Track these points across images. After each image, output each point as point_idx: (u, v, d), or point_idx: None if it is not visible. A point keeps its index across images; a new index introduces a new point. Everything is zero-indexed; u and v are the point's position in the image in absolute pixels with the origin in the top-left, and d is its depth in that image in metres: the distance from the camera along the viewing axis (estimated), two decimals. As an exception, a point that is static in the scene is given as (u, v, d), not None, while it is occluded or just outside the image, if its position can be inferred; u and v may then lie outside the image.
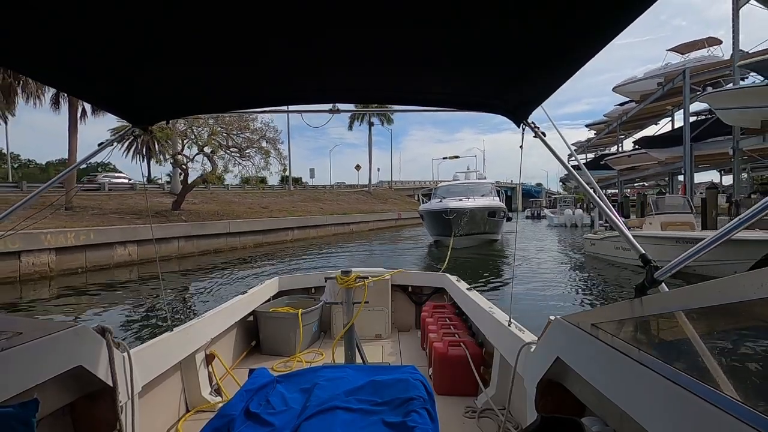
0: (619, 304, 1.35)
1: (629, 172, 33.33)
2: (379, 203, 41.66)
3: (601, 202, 1.65)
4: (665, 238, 10.03)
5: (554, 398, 1.66)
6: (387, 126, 49.89)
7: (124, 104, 1.84)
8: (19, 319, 1.69)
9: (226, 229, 19.40)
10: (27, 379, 1.36)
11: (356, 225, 31.33)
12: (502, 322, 2.52)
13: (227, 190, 31.57)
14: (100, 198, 21.10)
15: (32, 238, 11.88)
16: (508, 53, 1.37)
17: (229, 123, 20.05)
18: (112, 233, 14.42)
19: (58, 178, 2.16)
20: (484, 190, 20.92)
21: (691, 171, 22.12)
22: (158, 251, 15.92)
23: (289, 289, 4.52)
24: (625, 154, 32.52)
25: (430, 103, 2.02)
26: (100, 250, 13.88)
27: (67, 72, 1.43)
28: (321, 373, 1.82)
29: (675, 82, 23.35)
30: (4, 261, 11.31)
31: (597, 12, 1.06)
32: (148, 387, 2.09)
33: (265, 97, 1.98)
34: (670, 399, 0.96)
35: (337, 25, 1.19)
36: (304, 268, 14.73)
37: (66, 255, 12.84)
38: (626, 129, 37.35)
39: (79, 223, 14.76)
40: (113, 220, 16.44)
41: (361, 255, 19.36)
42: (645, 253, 1.32)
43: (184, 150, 20.98)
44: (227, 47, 1.32)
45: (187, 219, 18.95)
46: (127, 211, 18.71)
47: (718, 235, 1.01)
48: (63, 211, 16.30)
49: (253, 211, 24.66)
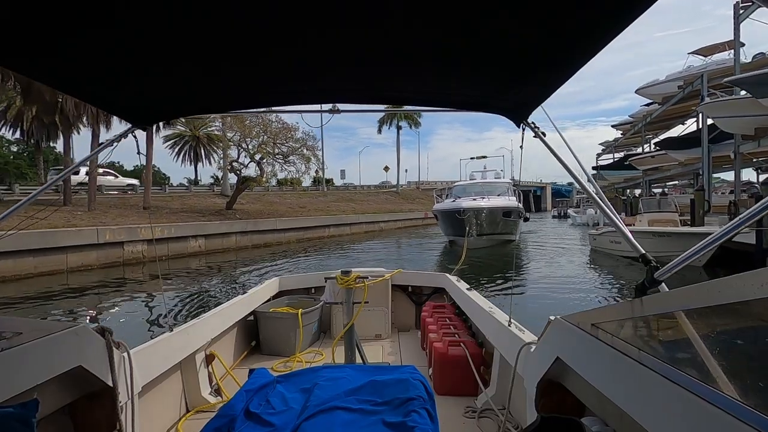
0: (619, 304, 1.29)
1: (653, 172, 33.97)
2: (406, 203, 43.80)
3: (602, 203, 1.65)
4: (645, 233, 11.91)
5: (554, 398, 1.66)
6: (414, 129, 51.94)
7: (124, 104, 1.84)
8: (19, 319, 1.68)
9: (274, 226, 22.37)
10: (27, 379, 1.36)
11: (385, 223, 33.80)
12: (502, 322, 2.52)
13: (267, 191, 34.83)
14: (166, 199, 24.60)
15: (132, 231, 15.09)
16: (508, 53, 1.37)
17: (276, 133, 22.95)
18: (186, 228, 17.62)
19: (57, 179, 2.08)
20: (500, 189, 20.77)
21: (709, 172, 22.98)
22: (221, 244, 18.96)
23: (289, 289, 4.52)
24: (648, 155, 33.19)
25: (430, 103, 2.03)
26: (178, 242, 17.07)
27: (67, 72, 1.44)
28: (321, 373, 1.81)
29: (694, 86, 24.21)
30: (114, 249, 14.54)
31: (597, 12, 1.06)
32: (148, 387, 2.08)
33: (266, 96, 1.97)
34: (670, 399, 0.96)
35: (337, 26, 1.19)
36: (343, 260, 17.37)
37: (155, 245, 16.01)
38: (652, 129, 37.71)
39: (159, 220, 18.01)
40: (183, 217, 19.66)
41: (390, 249, 21.72)
42: (645, 253, 1.31)
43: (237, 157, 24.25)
44: (227, 47, 1.32)
45: (240, 217, 22.05)
46: (190, 210, 22.01)
47: (718, 236, 1.01)
48: (143, 210, 19.68)
49: (293, 211, 27.60)
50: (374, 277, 3.85)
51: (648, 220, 13.08)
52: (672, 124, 35.63)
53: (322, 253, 19.55)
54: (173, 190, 30.14)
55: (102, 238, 14.16)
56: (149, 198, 21.01)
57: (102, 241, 14.16)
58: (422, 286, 4.58)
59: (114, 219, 16.75)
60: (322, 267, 15.62)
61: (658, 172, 33.12)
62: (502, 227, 18.60)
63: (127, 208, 19.73)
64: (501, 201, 18.89)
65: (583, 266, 14.34)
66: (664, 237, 11.08)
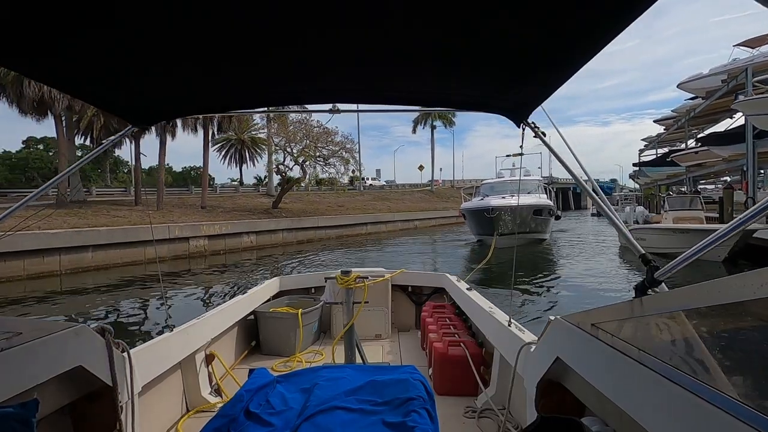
0: (619, 304, 1.31)
1: (696, 168, 32.97)
2: (441, 201, 44.54)
3: (602, 203, 1.65)
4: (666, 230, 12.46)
5: (554, 398, 1.67)
6: (449, 128, 52.61)
7: (124, 104, 1.85)
8: (19, 319, 1.71)
9: (316, 223, 24.31)
10: (27, 379, 1.36)
11: (420, 221, 35.08)
12: (502, 322, 2.52)
13: (308, 191, 36.96)
14: (218, 199, 27.16)
15: (195, 228, 17.28)
16: (508, 53, 1.38)
17: (317, 137, 24.77)
18: (240, 226, 19.74)
19: (57, 180, 2.12)
20: (531, 187, 20.32)
21: (754, 168, 22.31)
22: (269, 240, 20.94)
23: (289, 289, 4.53)
24: (692, 151, 32.23)
25: (430, 103, 2.04)
26: (233, 238, 19.17)
27: (67, 72, 1.44)
28: (321, 373, 1.82)
29: (738, 79, 23.49)
30: (181, 243, 16.75)
31: (597, 12, 1.06)
32: (148, 387, 2.09)
33: (266, 96, 1.99)
34: (670, 399, 0.97)
35: (337, 26, 1.19)
36: (379, 254, 18.77)
37: (214, 240, 18.21)
38: (696, 124, 36.42)
39: (215, 218, 20.21)
40: (236, 215, 21.83)
41: (424, 245, 22.93)
42: (645, 253, 1.33)
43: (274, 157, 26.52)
44: (227, 47, 1.32)
45: (285, 216, 24.04)
46: (240, 209, 24.27)
47: (717, 236, 1.01)
48: (201, 210, 22.09)
49: (332, 209, 29.42)
50: (374, 277, 3.90)
51: (673, 218, 13.53)
52: (718, 119, 34.29)
53: (360, 248, 21.10)
54: (223, 190, 32.96)
55: (172, 234, 16.43)
56: (206, 199, 23.46)
57: (172, 236, 16.41)
58: (422, 286, 4.62)
59: (180, 217, 19.08)
60: (360, 260, 17.13)
61: (701, 169, 32.07)
62: (533, 226, 18.34)
63: (187, 208, 22.20)
64: (531, 199, 18.57)
65: (609, 263, 14.85)
66: (685, 233, 11.62)
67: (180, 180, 52.54)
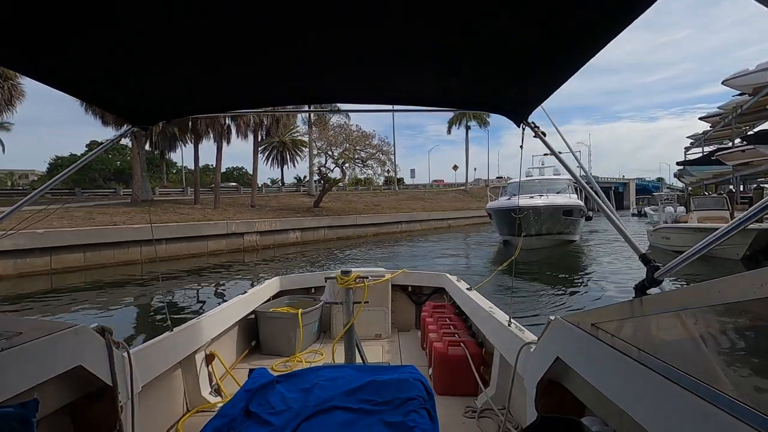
0: (619, 304, 1.30)
1: (743, 167, 31.82)
2: (474, 201, 45.05)
3: (602, 203, 1.65)
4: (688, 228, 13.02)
5: (554, 398, 1.67)
6: (483, 128, 52.92)
7: (124, 104, 1.85)
8: (19, 319, 1.69)
9: (355, 221, 26.00)
10: (27, 379, 1.36)
11: (453, 220, 36.04)
12: (502, 322, 2.53)
13: (347, 191, 38.89)
14: (264, 198, 29.52)
15: (249, 224, 19.33)
16: (508, 53, 1.38)
17: (356, 140, 26.43)
18: (287, 223, 21.72)
19: (58, 179, 2.07)
20: (560, 186, 19.47)
21: (802, 167, 21.72)
22: (312, 237, 22.80)
23: (289, 289, 4.54)
24: (738, 149, 31.14)
25: (430, 103, 2.05)
26: (281, 234, 21.17)
27: (67, 72, 1.44)
28: (321, 373, 1.83)
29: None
30: (237, 238, 18.86)
31: (597, 12, 1.06)
32: (148, 387, 2.09)
33: (266, 96, 1.99)
34: (670, 399, 0.97)
35: (337, 26, 1.19)
36: (411, 249, 20.07)
37: (264, 236, 20.25)
38: (745, 121, 34.98)
39: (265, 216, 22.28)
40: (283, 213, 23.90)
41: (457, 242, 23.96)
42: (645, 253, 1.33)
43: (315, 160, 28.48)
44: (227, 47, 1.32)
45: (327, 214, 25.90)
46: (285, 208, 26.38)
47: (718, 236, 1.04)
48: (251, 208, 24.34)
49: (369, 208, 31.04)
50: (374, 277, 3.92)
51: (698, 218, 13.99)
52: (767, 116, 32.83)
53: (394, 245, 22.51)
54: (269, 190, 35.49)
55: (229, 230, 18.54)
56: (255, 198, 25.78)
57: (229, 232, 18.53)
58: (422, 286, 4.63)
59: (234, 215, 21.27)
60: (393, 255, 18.46)
61: (748, 168, 30.88)
62: (562, 226, 17.61)
63: (239, 206, 24.53)
64: (560, 199, 17.85)
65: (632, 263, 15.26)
66: (704, 232, 12.13)
67: (224, 180, 55.52)
